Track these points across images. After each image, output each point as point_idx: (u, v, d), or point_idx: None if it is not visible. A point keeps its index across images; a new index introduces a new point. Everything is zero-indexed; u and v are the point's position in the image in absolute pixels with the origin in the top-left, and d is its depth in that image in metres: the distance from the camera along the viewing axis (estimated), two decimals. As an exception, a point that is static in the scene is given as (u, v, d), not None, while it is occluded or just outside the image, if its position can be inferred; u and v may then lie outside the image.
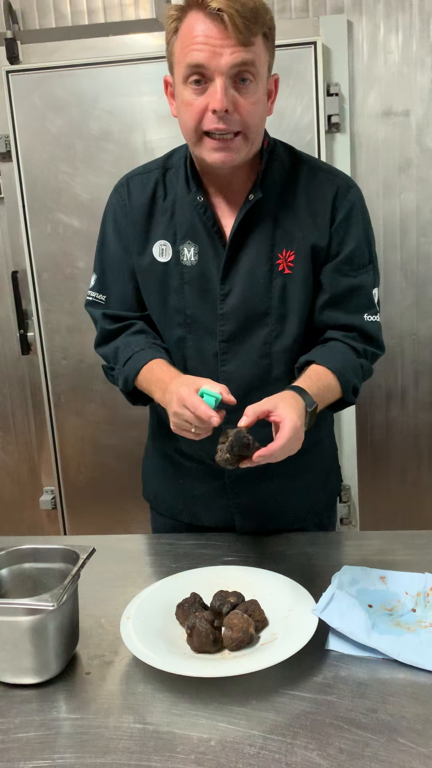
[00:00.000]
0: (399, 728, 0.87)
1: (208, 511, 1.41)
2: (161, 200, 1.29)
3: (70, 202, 2.38)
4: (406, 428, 2.56)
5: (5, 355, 2.68)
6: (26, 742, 0.89)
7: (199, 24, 1.08)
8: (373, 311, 1.31)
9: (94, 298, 1.38)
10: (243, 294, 1.26)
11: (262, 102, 1.16)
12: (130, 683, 0.99)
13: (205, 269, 1.26)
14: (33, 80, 2.31)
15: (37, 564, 1.12)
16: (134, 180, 1.32)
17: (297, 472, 1.36)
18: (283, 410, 1.08)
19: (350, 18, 2.27)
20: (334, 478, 1.51)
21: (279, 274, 1.25)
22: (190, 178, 1.26)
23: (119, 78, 2.28)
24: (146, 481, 1.54)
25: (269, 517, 1.39)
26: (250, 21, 1.07)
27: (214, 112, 1.11)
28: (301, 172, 1.28)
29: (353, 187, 1.29)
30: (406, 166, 2.35)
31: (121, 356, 1.30)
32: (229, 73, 1.10)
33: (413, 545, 1.32)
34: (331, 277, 1.27)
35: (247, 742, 0.86)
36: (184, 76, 1.12)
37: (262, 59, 1.13)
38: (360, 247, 1.28)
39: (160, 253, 1.28)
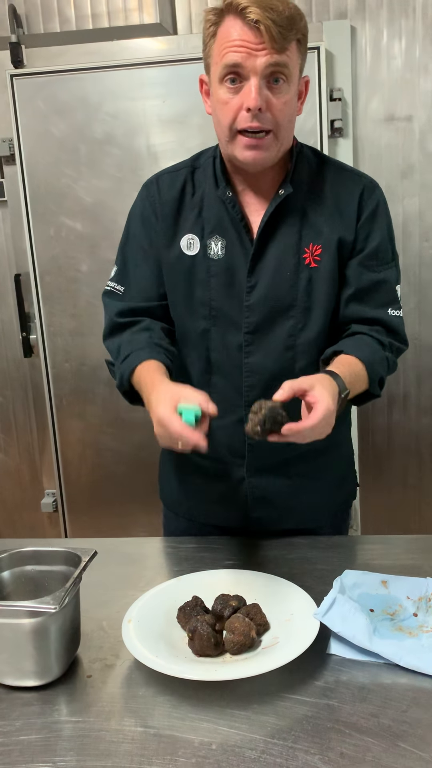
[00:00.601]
0: (401, 733, 0.87)
1: (224, 511, 1.42)
2: (190, 196, 1.33)
3: (74, 205, 2.39)
4: (408, 433, 2.56)
5: (7, 357, 2.69)
6: (27, 745, 0.89)
7: (236, 29, 1.14)
8: (396, 306, 1.34)
9: (112, 288, 1.40)
10: (269, 286, 1.28)
11: (292, 102, 1.20)
12: (132, 686, 0.99)
13: (231, 262, 1.29)
14: (37, 84, 2.32)
15: (39, 567, 1.12)
16: (163, 177, 1.36)
17: (315, 472, 1.38)
18: (319, 392, 1.08)
19: (353, 23, 2.28)
20: (350, 480, 1.52)
21: (305, 267, 1.28)
22: (219, 175, 1.30)
23: (123, 82, 2.29)
24: (162, 483, 1.55)
25: (286, 516, 1.40)
26: (285, 29, 1.13)
27: (248, 110, 1.16)
28: (327, 171, 1.32)
29: (377, 187, 1.34)
30: (408, 172, 2.36)
31: (122, 352, 1.31)
32: (263, 73, 1.14)
33: (415, 550, 1.33)
34: (357, 271, 1.30)
35: (249, 746, 0.86)
36: (221, 76, 1.17)
37: (294, 62, 1.18)
38: (384, 243, 1.32)
39: (187, 247, 1.31)
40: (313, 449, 1.24)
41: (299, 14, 1.17)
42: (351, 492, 1.53)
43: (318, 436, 1.10)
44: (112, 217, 2.38)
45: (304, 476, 1.38)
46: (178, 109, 2.26)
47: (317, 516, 1.43)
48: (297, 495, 1.39)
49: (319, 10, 2.30)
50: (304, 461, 1.36)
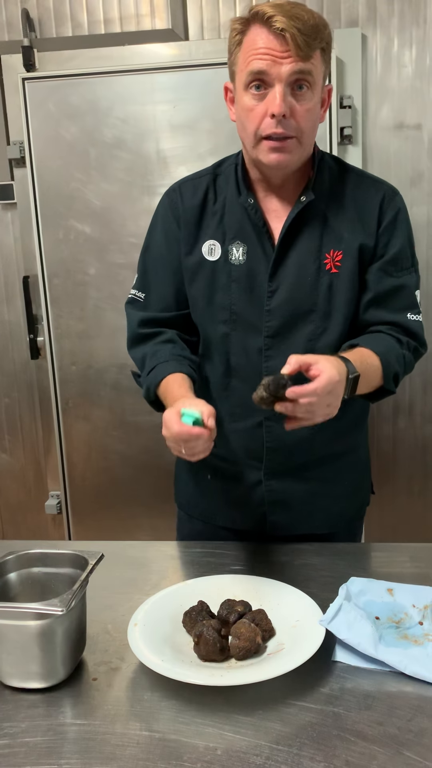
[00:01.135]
0: (406, 741, 0.87)
1: (241, 514, 1.43)
2: (211, 203, 1.35)
3: (83, 208, 2.40)
4: (413, 440, 2.56)
5: (15, 359, 2.69)
6: (32, 747, 0.89)
7: (261, 37, 1.17)
8: (416, 311, 1.35)
9: (134, 295, 1.42)
10: (290, 291, 1.30)
11: (316, 109, 1.22)
12: (137, 690, 0.99)
13: (252, 267, 1.31)
14: (48, 88, 2.33)
15: (46, 569, 1.12)
16: (186, 185, 1.38)
17: (332, 477, 1.40)
18: (323, 364, 1.09)
19: (364, 31, 2.28)
20: (366, 487, 1.53)
21: (326, 272, 1.30)
22: (241, 182, 1.32)
23: (134, 87, 2.30)
24: (179, 486, 1.56)
25: (301, 519, 1.41)
26: (309, 38, 1.15)
27: (272, 116, 1.18)
28: (348, 178, 1.34)
29: (398, 194, 1.35)
30: (417, 180, 2.36)
31: (147, 365, 1.34)
32: (288, 80, 1.16)
33: (420, 558, 1.32)
34: (377, 276, 1.32)
35: (254, 752, 0.86)
36: (246, 83, 1.19)
37: (318, 70, 1.20)
38: (404, 249, 1.33)
39: (209, 252, 1.33)
40: (330, 453, 1.24)
41: (324, 24, 1.19)
42: (366, 499, 1.53)
43: (325, 410, 1.10)
44: (120, 221, 2.39)
45: (322, 480, 1.39)
46: (189, 114, 2.27)
47: (333, 522, 1.44)
48: (314, 500, 1.40)
49: (330, 18, 2.30)
50: (322, 465, 1.37)
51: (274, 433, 1.33)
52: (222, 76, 1.30)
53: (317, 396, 1.07)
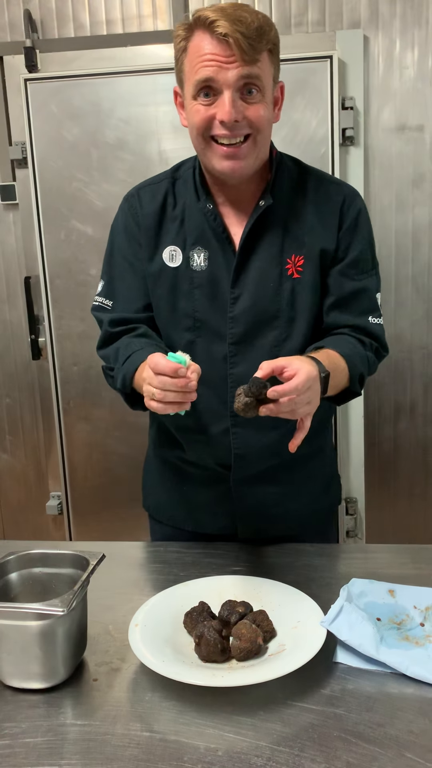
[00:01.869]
0: (407, 743, 0.87)
1: (211, 518, 1.42)
2: (171, 208, 1.33)
3: (85, 209, 2.40)
4: (415, 442, 2.56)
5: (16, 359, 2.70)
6: (33, 748, 0.89)
7: (206, 43, 1.14)
8: (377, 314, 1.35)
9: (100, 303, 1.40)
10: (253, 297, 1.28)
11: (268, 111, 1.20)
12: (138, 691, 0.99)
13: (214, 274, 1.29)
14: (51, 88, 2.33)
15: (47, 569, 1.12)
16: (144, 190, 1.36)
17: (300, 479, 1.39)
18: (298, 364, 1.08)
19: (367, 33, 2.29)
20: (335, 486, 1.52)
21: (288, 278, 1.29)
22: (199, 187, 1.30)
23: (136, 88, 2.30)
24: (147, 491, 1.54)
25: (271, 523, 1.40)
26: (255, 41, 1.12)
27: (222, 123, 1.16)
28: (308, 181, 1.32)
29: (358, 196, 1.34)
30: (419, 181, 2.36)
31: (120, 355, 1.30)
32: (236, 85, 1.14)
33: (422, 559, 1.32)
34: (337, 280, 1.31)
35: (255, 753, 0.86)
36: (194, 91, 1.17)
37: (267, 72, 1.17)
38: (365, 252, 1.32)
39: (170, 259, 1.31)
40: (298, 456, 1.24)
41: (269, 24, 1.16)
42: (336, 497, 1.52)
43: (306, 407, 1.08)
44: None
45: (291, 484, 1.38)
46: (191, 115, 2.27)
47: (303, 523, 1.43)
48: (285, 503, 1.39)
49: (332, 19, 2.31)
50: (290, 469, 1.36)
51: (241, 440, 1.32)
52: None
53: (298, 392, 1.04)
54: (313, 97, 2.23)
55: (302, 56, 2.20)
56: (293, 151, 1.39)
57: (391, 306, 2.45)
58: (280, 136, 2.24)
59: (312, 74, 2.22)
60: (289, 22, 2.32)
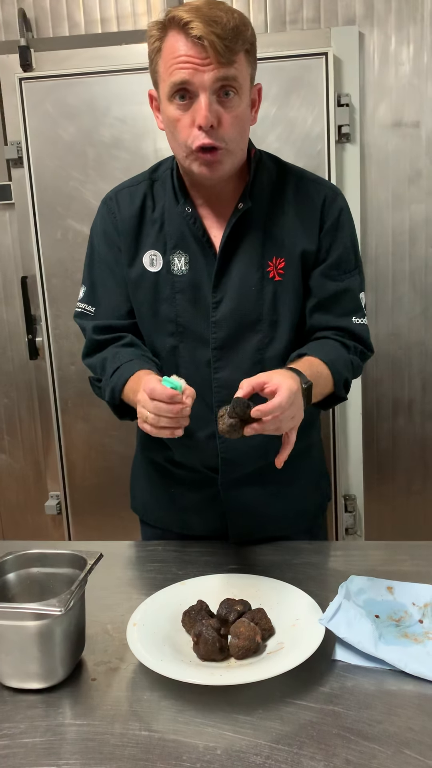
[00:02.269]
0: (406, 740, 0.87)
1: (199, 520, 1.41)
2: (150, 211, 1.31)
3: (81, 208, 2.40)
4: (413, 439, 2.56)
5: (13, 359, 2.69)
6: (31, 748, 0.89)
7: (180, 44, 1.11)
8: (360, 314, 1.33)
9: (83, 309, 1.38)
10: (235, 301, 1.27)
11: (245, 114, 1.18)
12: (136, 690, 0.99)
13: (196, 278, 1.28)
14: (45, 87, 2.33)
15: (45, 569, 1.12)
16: (122, 193, 1.34)
17: (289, 479, 1.37)
18: (278, 379, 1.07)
19: (362, 29, 2.28)
20: (324, 485, 1.52)
21: (270, 281, 1.27)
22: (178, 190, 1.28)
23: (131, 86, 2.29)
24: (135, 492, 1.54)
25: (261, 524, 1.39)
26: (231, 42, 1.10)
27: (199, 128, 1.13)
28: (288, 181, 1.30)
29: (339, 194, 1.32)
30: (415, 178, 2.36)
31: (108, 367, 1.29)
32: (213, 87, 1.12)
33: (420, 556, 1.32)
34: (319, 281, 1.29)
35: (253, 752, 0.86)
36: (170, 93, 1.15)
37: (244, 73, 1.15)
38: (347, 252, 1.31)
39: (150, 263, 1.29)
40: None
41: (245, 23, 1.14)
42: (326, 496, 1.52)
43: (290, 422, 1.08)
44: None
45: (279, 485, 1.37)
46: (186, 113, 2.27)
47: (293, 523, 1.43)
48: (273, 503, 1.39)
49: (327, 16, 2.30)
50: (278, 470, 1.35)
51: (227, 444, 1.31)
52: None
53: (282, 410, 1.04)
54: (309, 94, 2.22)
55: (297, 53, 2.20)
56: (289, 148, 1.39)
57: (388, 303, 2.44)
58: (275, 133, 2.23)
59: (307, 71, 2.21)
60: (284, 19, 2.31)
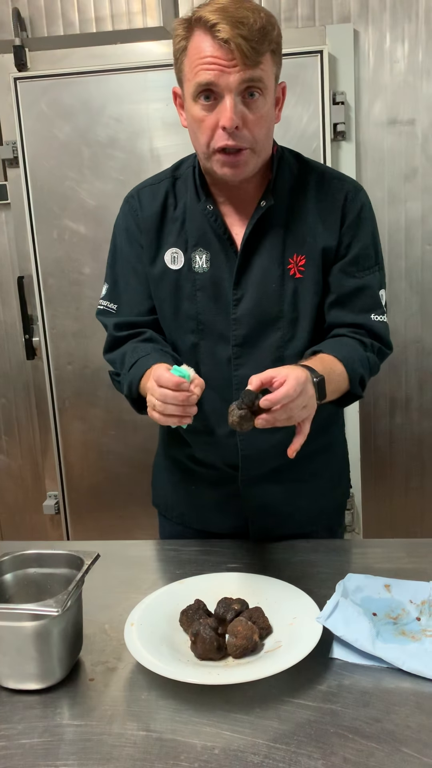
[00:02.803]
0: (404, 738, 0.87)
1: (220, 518, 1.42)
2: (172, 209, 1.31)
3: (77, 208, 2.39)
4: (410, 436, 2.56)
5: (10, 359, 2.69)
6: (29, 749, 0.89)
7: (206, 45, 1.11)
8: (380, 311, 1.32)
9: (105, 307, 1.39)
10: (255, 299, 1.27)
11: (269, 114, 1.18)
12: (134, 690, 0.99)
13: (217, 275, 1.28)
14: (41, 87, 2.32)
15: (42, 569, 1.12)
16: (144, 191, 1.35)
17: (308, 476, 1.38)
18: (285, 371, 1.06)
19: (357, 27, 2.28)
20: (344, 483, 1.52)
21: (290, 278, 1.27)
22: (199, 188, 1.28)
23: (126, 85, 2.29)
24: (156, 488, 1.54)
25: (281, 522, 1.40)
26: (257, 43, 1.09)
27: (224, 129, 1.13)
28: (310, 178, 1.30)
29: (361, 190, 1.32)
30: (411, 175, 2.36)
31: (127, 361, 1.30)
32: (238, 89, 1.12)
33: (417, 553, 1.32)
34: (338, 277, 1.29)
35: (251, 751, 0.86)
36: (194, 94, 1.15)
37: (269, 74, 1.15)
38: (367, 248, 1.30)
39: (171, 261, 1.30)
40: (305, 454, 1.23)
41: (272, 23, 1.13)
42: (345, 493, 1.52)
43: (302, 411, 1.07)
44: (114, 220, 2.38)
45: (299, 482, 1.38)
46: (182, 112, 2.27)
47: (313, 520, 1.43)
48: (293, 501, 1.39)
49: (322, 14, 2.30)
50: (298, 467, 1.35)
51: (248, 441, 1.31)
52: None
53: (290, 397, 1.03)
54: (304, 92, 2.22)
55: (292, 51, 2.19)
56: (285, 146, 1.38)
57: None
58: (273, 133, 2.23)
59: (302, 69, 2.21)
60: (279, 17, 2.31)
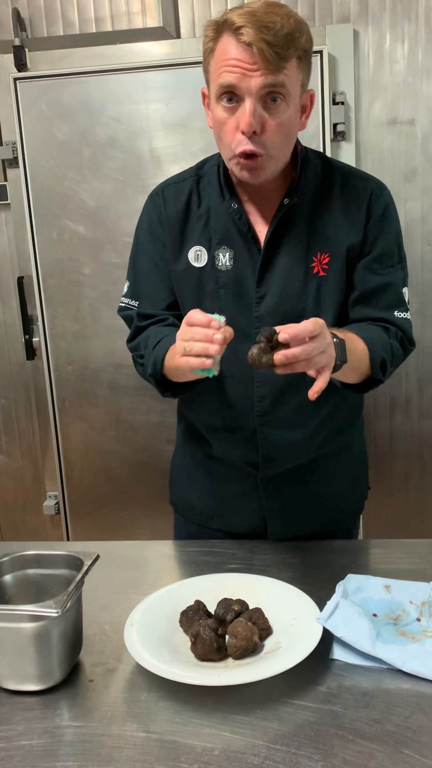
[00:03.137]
0: (404, 739, 0.87)
1: (238, 517, 1.42)
2: (196, 207, 1.32)
3: (77, 208, 2.39)
4: (410, 437, 2.56)
5: (10, 360, 2.69)
6: (29, 750, 0.89)
7: (231, 47, 1.12)
8: (403, 308, 1.33)
9: (126, 304, 1.40)
10: (278, 296, 1.28)
11: (290, 121, 1.17)
12: (134, 691, 0.98)
13: (240, 273, 1.29)
14: (40, 87, 2.32)
15: (41, 570, 1.12)
16: (169, 188, 1.35)
17: (328, 476, 1.39)
18: (304, 320, 1.04)
19: (356, 27, 2.28)
20: (362, 483, 1.52)
21: (314, 276, 1.28)
22: (224, 186, 1.29)
23: (126, 86, 2.29)
24: (174, 488, 1.54)
25: (299, 522, 1.40)
26: (281, 49, 1.09)
27: (242, 133, 1.14)
28: (335, 177, 1.31)
29: (385, 189, 1.33)
30: (411, 175, 2.36)
31: (150, 342, 1.30)
32: (259, 93, 1.12)
33: (417, 554, 1.32)
34: (362, 274, 1.30)
35: (251, 752, 0.86)
36: (218, 95, 1.16)
37: (294, 80, 1.14)
38: (390, 246, 1.31)
39: (195, 259, 1.31)
40: (325, 453, 1.23)
41: (300, 29, 1.12)
42: (363, 494, 1.53)
43: (322, 357, 1.03)
44: (114, 220, 2.38)
45: (319, 482, 1.39)
46: (182, 112, 2.26)
47: (332, 520, 1.44)
48: (312, 501, 1.40)
49: (322, 14, 2.30)
50: (318, 467, 1.36)
51: (268, 440, 1.32)
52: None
53: (309, 332, 1.00)
54: (304, 92, 2.22)
55: (292, 51, 2.19)
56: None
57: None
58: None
59: (302, 69, 2.21)
60: (279, 17, 2.31)
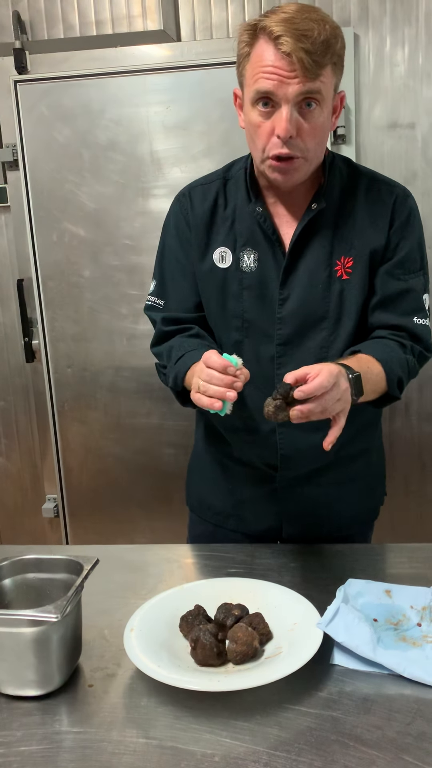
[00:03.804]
0: (405, 746, 0.86)
1: (255, 519, 1.43)
2: (222, 209, 1.34)
3: (77, 211, 2.39)
4: (410, 440, 2.55)
5: (10, 362, 2.68)
6: (28, 756, 0.88)
7: (269, 54, 1.13)
8: (422, 315, 1.34)
9: (153, 302, 1.42)
10: (301, 299, 1.29)
11: (325, 124, 1.20)
12: (133, 696, 0.98)
13: (264, 275, 1.30)
14: (41, 90, 2.32)
15: (41, 574, 1.11)
16: (196, 190, 1.37)
17: (347, 480, 1.40)
18: (318, 366, 1.08)
19: (357, 31, 2.28)
20: (379, 489, 1.52)
21: (337, 279, 1.29)
22: (250, 189, 1.31)
23: (126, 88, 2.29)
24: (191, 488, 1.55)
25: (316, 524, 1.41)
26: (319, 56, 1.11)
27: (278, 137, 1.16)
28: (360, 182, 1.32)
29: (410, 196, 1.34)
30: (411, 179, 2.36)
31: (174, 354, 1.32)
32: (295, 100, 1.14)
33: (418, 558, 1.32)
34: (383, 279, 1.31)
35: (252, 758, 0.85)
36: (253, 99, 1.17)
37: (328, 85, 1.17)
38: (413, 252, 1.32)
39: (220, 259, 1.32)
40: (344, 457, 1.23)
41: (335, 35, 1.15)
42: (380, 500, 1.53)
43: (337, 404, 1.07)
44: (114, 223, 2.38)
45: (336, 485, 1.39)
46: (182, 115, 2.26)
47: (347, 524, 1.45)
48: (328, 504, 1.40)
49: (322, 17, 2.30)
50: (336, 470, 1.37)
51: (287, 441, 1.33)
52: (214, 77, 1.30)
53: (324, 388, 1.04)
54: (305, 95, 2.22)
55: (293, 55, 2.19)
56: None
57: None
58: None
59: (303, 73, 2.21)
60: (280, 20, 2.31)
